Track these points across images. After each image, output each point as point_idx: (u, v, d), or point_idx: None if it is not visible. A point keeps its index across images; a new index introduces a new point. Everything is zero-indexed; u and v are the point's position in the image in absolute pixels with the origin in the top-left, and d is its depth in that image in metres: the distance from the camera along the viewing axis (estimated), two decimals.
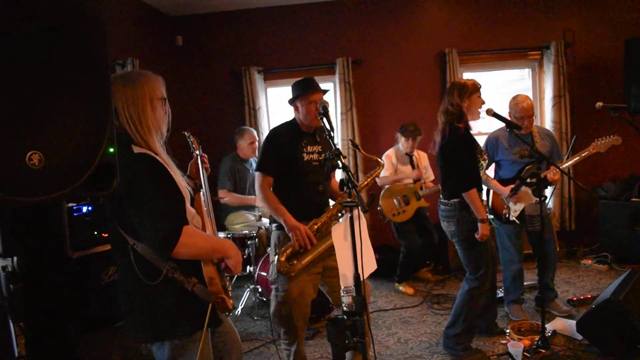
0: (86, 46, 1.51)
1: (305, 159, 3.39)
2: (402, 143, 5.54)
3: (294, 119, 3.52)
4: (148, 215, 1.97)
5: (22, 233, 2.34)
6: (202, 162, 2.66)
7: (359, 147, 3.54)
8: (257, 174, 3.41)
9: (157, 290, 2.07)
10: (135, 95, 2.08)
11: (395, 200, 5.53)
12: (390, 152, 5.65)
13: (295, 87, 3.47)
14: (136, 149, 2.06)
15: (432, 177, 5.78)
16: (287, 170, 3.37)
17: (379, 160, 3.62)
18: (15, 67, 1.33)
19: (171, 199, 2.05)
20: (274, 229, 3.47)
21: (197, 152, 2.69)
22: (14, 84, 1.33)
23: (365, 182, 3.63)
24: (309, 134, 3.48)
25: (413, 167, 5.61)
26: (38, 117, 1.37)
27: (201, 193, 2.45)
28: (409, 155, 5.60)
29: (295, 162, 3.36)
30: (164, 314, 2.08)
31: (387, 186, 5.55)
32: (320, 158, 3.45)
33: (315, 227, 3.29)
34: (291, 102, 3.47)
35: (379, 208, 5.59)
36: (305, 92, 3.37)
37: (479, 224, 3.60)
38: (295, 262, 3.25)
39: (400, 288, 5.64)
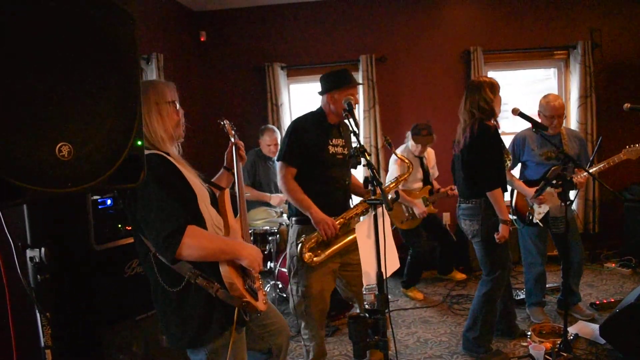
0: (116, 39, 1.51)
1: (330, 152, 3.34)
2: (412, 145, 5.35)
3: (320, 109, 3.45)
4: (152, 215, 1.95)
5: (49, 224, 2.37)
6: (237, 150, 2.63)
7: (392, 145, 3.49)
8: (279, 164, 3.35)
9: (182, 296, 2.07)
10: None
11: (403, 207, 5.42)
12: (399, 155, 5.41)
13: (332, 78, 3.37)
14: (146, 151, 2.00)
15: (437, 174, 5.71)
16: (311, 163, 3.31)
17: (409, 163, 3.60)
18: (46, 59, 1.34)
19: (177, 198, 1.99)
20: (293, 222, 3.43)
21: (232, 140, 2.67)
22: (45, 76, 1.34)
23: (392, 186, 3.62)
24: (334, 126, 3.42)
25: (424, 170, 5.47)
26: (68, 109, 1.38)
27: (227, 191, 2.44)
28: (419, 157, 5.44)
29: (320, 155, 3.31)
30: (193, 320, 2.07)
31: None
32: (344, 152, 3.40)
33: (342, 220, 3.28)
34: (325, 92, 3.38)
35: None
36: (348, 85, 3.30)
37: (500, 225, 3.56)
38: (319, 252, 3.26)
39: (409, 294, 5.51)
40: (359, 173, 3.66)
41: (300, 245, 3.25)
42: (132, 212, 2.04)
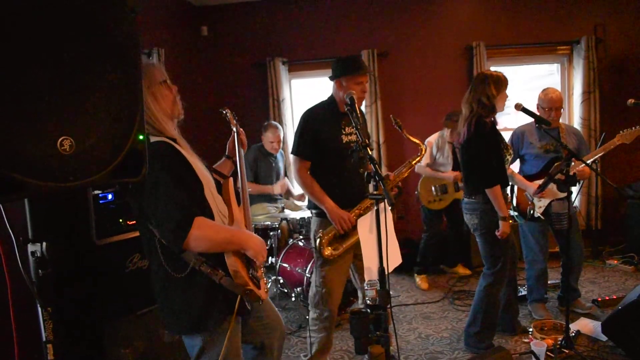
0: (117, 33, 1.50)
1: (344, 141, 3.31)
2: (447, 132, 5.48)
3: (331, 97, 3.42)
4: (159, 206, 1.95)
5: (50, 219, 2.36)
6: (238, 135, 2.63)
7: (402, 127, 3.45)
8: (293, 158, 3.35)
9: (186, 282, 2.07)
10: None
11: (433, 188, 5.53)
12: (432, 138, 5.57)
13: (343, 64, 3.32)
14: (153, 138, 2.03)
15: None
16: (325, 154, 3.29)
17: (421, 145, 3.56)
18: (47, 53, 1.33)
19: (184, 189, 1.99)
20: (313, 215, 3.44)
21: (234, 129, 2.66)
22: (46, 69, 1.33)
23: (406, 169, 3.55)
24: (346, 114, 3.34)
25: (454, 157, 5.52)
26: (70, 102, 1.38)
27: (231, 179, 2.43)
28: (452, 144, 5.48)
29: (333, 145, 3.29)
30: (194, 306, 2.08)
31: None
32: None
33: (358, 212, 3.27)
34: (334, 78, 3.35)
35: (416, 192, 5.64)
36: (356, 72, 3.26)
37: (500, 222, 3.55)
38: (337, 245, 3.27)
39: (417, 280, 5.59)
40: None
41: (318, 240, 3.26)
42: (138, 200, 2.03)
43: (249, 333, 2.43)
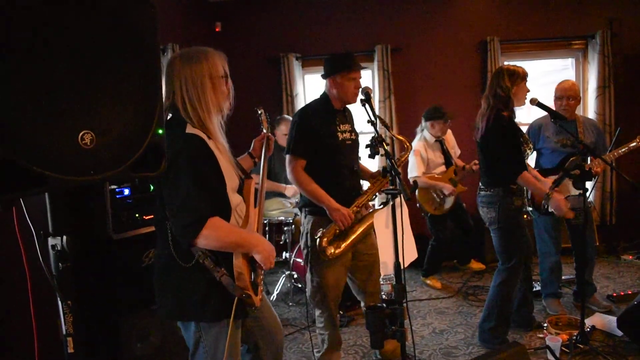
0: (137, 29, 1.52)
1: (340, 138, 3.30)
2: (433, 128, 5.25)
3: (324, 95, 3.41)
4: (178, 198, 1.97)
5: (69, 213, 2.38)
6: (268, 140, 2.67)
7: (389, 127, 3.44)
8: (288, 156, 3.31)
9: (190, 272, 2.08)
10: (194, 75, 2.06)
11: (434, 194, 5.33)
12: (417, 146, 5.30)
13: (334, 61, 3.32)
14: (189, 129, 2.05)
15: (459, 152, 5.63)
16: (322, 151, 3.26)
17: (407, 143, 3.55)
18: (68, 48, 1.34)
19: (206, 187, 2.01)
20: (307, 213, 3.38)
21: (265, 131, 2.69)
22: (67, 64, 1.34)
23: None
24: (340, 111, 3.38)
25: (444, 153, 5.39)
26: (91, 97, 1.39)
27: (253, 180, 2.44)
28: (439, 141, 5.36)
29: (330, 142, 3.27)
30: (194, 295, 2.09)
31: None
32: (352, 137, 3.37)
33: (356, 208, 3.26)
34: (327, 76, 3.34)
35: (418, 205, 5.44)
36: (349, 69, 3.24)
37: (550, 198, 3.56)
38: (336, 244, 3.23)
39: (428, 282, 5.53)
40: (373, 162, 3.61)
41: (318, 240, 3.19)
42: (161, 183, 2.05)
43: (244, 332, 2.44)
